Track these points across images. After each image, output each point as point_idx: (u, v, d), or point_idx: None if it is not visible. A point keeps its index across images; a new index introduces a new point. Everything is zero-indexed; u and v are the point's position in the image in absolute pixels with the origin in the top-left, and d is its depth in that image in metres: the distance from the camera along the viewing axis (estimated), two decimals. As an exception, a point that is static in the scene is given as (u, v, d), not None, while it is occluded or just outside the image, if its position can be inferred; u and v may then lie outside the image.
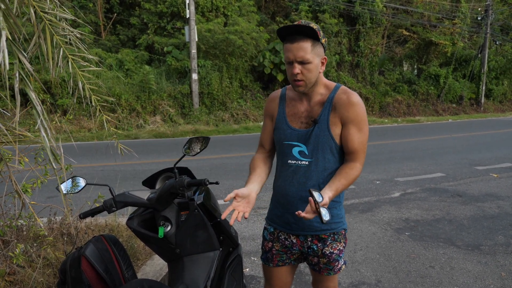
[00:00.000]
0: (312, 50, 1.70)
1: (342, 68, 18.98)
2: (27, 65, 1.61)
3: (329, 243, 1.88)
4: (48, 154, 1.68)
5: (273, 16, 18.91)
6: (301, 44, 1.68)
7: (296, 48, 1.68)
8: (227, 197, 1.67)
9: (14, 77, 1.57)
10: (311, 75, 1.73)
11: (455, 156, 8.95)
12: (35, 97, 1.64)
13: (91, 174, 6.73)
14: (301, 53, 1.68)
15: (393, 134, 13.23)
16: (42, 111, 1.67)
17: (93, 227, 3.57)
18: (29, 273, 2.56)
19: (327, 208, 1.57)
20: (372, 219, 4.82)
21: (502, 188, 6.25)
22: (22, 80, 1.62)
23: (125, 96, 13.33)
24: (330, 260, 1.90)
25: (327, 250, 1.88)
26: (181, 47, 15.53)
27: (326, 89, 1.84)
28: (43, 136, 1.67)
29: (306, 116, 1.85)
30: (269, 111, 2.01)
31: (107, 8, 16.65)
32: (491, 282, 3.31)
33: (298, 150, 1.85)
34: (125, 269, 1.97)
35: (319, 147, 1.80)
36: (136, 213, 1.94)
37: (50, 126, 1.73)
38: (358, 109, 1.77)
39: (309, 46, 1.68)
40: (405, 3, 21.45)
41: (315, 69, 1.73)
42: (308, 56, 1.69)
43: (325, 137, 1.79)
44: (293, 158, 1.86)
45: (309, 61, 1.69)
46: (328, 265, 1.92)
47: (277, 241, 1.98)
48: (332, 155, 1.82)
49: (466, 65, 22.71)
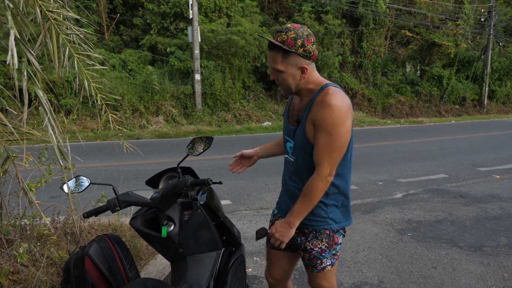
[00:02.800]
0: (283, 61, 1.76)
1: (345, 69, 18.96)
2: (35, 63, 1.62)
3: (310, 239, 1.95)
4: (55, 152, 1.69)
5: (276, 17, 18.91)
6: (271, 54, 1.78)
7: (270, 57, 1.80)
8: (236, 155, 2.28)
9: (22, 75, 1.59)
10: (287, 83, 1.82)
11: (457, 157, 8.93)
12: (42, 95, 1.65)
13: (94, 174, 6.75)
14: (271, 63, 1.80)
15: (396, 135, 13.21)
16: (50, 109, 1.69)
17: (96, 226, 3.59)
18: (33, 272, 2.57)
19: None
20: (374, 220, 4.82)
21: (504, 190, 6.23)
22: (30, 79, 1.63)
23: (128, 97, 13.35)
24: (311, 257, 1.96)
25: (308, 246, 1.96)
26: (184, 47, 15.56)
27: (314, 90, 1.84)
28: (51, 133, 1.69)
29: (296, 115, 1.92)
30: None
31: (110, 8, 16.69)
32: (493, 283, 3.30)
33: (289, 146, 1.97)
34: (128, 269, 1.98)
35: (300, 146, 1.88)
36: (140, 212, 1.95)
37: (57, 124, 1.75)
38: (327, 113, 1.71)
39: (279, 57, 1.76)
40: (408, 4, 21.43)
41: (289, 77, 1.80)
42: (278, 66, 1.78)
43: (302, 138, 1.85)
44: (286, 152, 2.02)
45: (280, 70, 1.79)
46: (310, 261, 1.99)
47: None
48: (310, 156, 1.84)
49: (469, 67, 22.65)
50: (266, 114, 15.85)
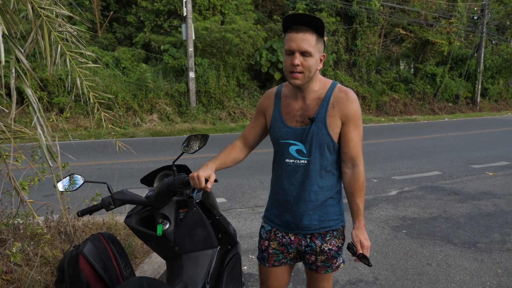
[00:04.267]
0: (316, 44, 1.69)
1: (339, 67, 19.00)
2: (24, 61, 1.59)
3: (328, 240, 1.88)
4: (44, 152, 1.67)
5: (270, 15, 18.90)
6: (306, 36, 1.66)
7: (301, 38, 1.66)
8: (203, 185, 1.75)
9: (10, 73, 1.56)
10: (310, 69, 1.70)
11: (451, 154, 8.99)
12: (31, 94, 1.63)
13: (88, 173, 6.71)
14: (305, 45, 1.66)
15: (390, 133, 13.26)
16: (38, 108, 1.66)
17: (90, 225, 3.56)
18: (27, 272, 2.55)
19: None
20: (369, 217, 4.83)
21: (497, 186, 6.28)
22: (19, 77, 1.60)
23: (122, 95, 13.27)
24: (329, 257, 1.89)
25: (325, 247, 1.88)
26: (178, 45, 15.49)
27: (322, 87, 1.81)
28: (40, 133, 1.66)
29: (301, 115, 1.81)
30: (262, 107, 1.99)
31: (104, 6, 16.59)
32: (487, 279, 3.33)
33: (296, 149, 1.82)
34: (123, 267, 1.97)
35: (317, 146, 1.78)
36: (135, 211, 1.94)
37: (46, 123, 1.72)
38: (356, 107, 1.78)
39: (314, 39, 1.67)
40: (402, 2, 21.51)
41: (314, 64, 1.71)
42: (311, 49, 1.67)
43: (323, 135, 1.77)
44: (290, 157, 1.83)
45: (311, 54, 1.67)
46: (326, 263, 1.91)
47: (273, 239, 1.95)
48: (329, 153, 1.80)
49: (462, 64, 22.79)
50: (261, 112, 15.83)
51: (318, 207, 1.83)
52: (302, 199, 1.83)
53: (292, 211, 1.86)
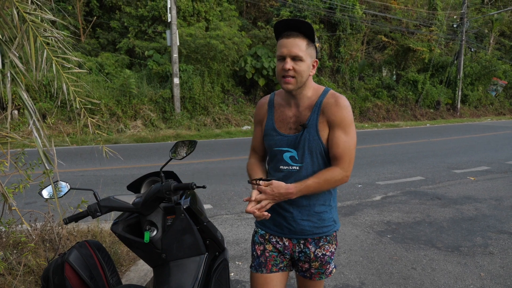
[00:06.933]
0: (306, 49, 1.71)
1: (323, 73, 19.18)
2: (19, 64, 1.57)
3: (322, 245, 1.89)
4: (40, 156, 1.64)
5: (255, 22, 19.01)
6: (297, 41, 1.69)
7: (291, 43, 1.69)
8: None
9: (6, 78, 1.54)
10: (302, 74, 1.72)
11: (433, 159, 9.14)
12: (27, 97, 1.61)
13: (71, 180, 6.57)
14: (295, 49, 1.69)
15: (373, 138, 13.42)
16: (34, 111, 1.64)
17: (75, 233, 3.51)
18: (9, 281, 2.49)
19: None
20: (354, 222, 4.87)
21: (479, 191, 6.40)
22: (14, 80, 1.58)
23: (105, 100, 13.13)
24: (322, 263, 1.90)
25: (319, 252, 1.88)
26: (162, 51, 15.44)
27: (314, 93, 1.83)
28: (36, 137, 1.63)
29: (294, 122, 1.83)
30: (258, 117, 2.00)
31: (87, 11, 16.43)
32: (471, 283, 3.38)
33: (289, 156, 1.83)
34: (110, 275, 1.95)
35: (309, 152, 1.80)
36: (121, 218, 1.91)
37: (43, 126, 1.70)
38: (345, 113, 1.77)
39: (304, 44, 1.70)
40: (384, 10, 21.89)
41: (306, 68, 1.73)
42: (301, 54, 1.69)
43: (315, 141, 1.78)
44: (284, 164, 1.85)
45: (301, 58, 1.70)
46: (320, 269, 1.91)
47: (268, 242, 1.95)
48: (322, 159, 1.82)
49: (442, 71, 23.28)
50: (246, 118, 15.87)
51: (312, 212, 1.85)
52: (294, 204, 1.84)
53: (285, 216, 1.87)
